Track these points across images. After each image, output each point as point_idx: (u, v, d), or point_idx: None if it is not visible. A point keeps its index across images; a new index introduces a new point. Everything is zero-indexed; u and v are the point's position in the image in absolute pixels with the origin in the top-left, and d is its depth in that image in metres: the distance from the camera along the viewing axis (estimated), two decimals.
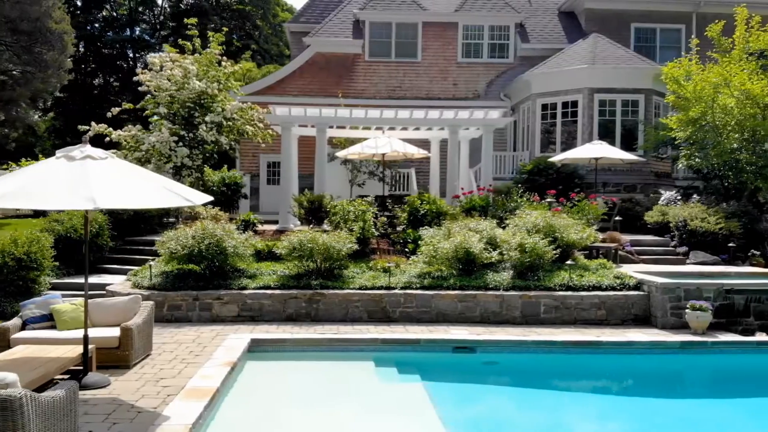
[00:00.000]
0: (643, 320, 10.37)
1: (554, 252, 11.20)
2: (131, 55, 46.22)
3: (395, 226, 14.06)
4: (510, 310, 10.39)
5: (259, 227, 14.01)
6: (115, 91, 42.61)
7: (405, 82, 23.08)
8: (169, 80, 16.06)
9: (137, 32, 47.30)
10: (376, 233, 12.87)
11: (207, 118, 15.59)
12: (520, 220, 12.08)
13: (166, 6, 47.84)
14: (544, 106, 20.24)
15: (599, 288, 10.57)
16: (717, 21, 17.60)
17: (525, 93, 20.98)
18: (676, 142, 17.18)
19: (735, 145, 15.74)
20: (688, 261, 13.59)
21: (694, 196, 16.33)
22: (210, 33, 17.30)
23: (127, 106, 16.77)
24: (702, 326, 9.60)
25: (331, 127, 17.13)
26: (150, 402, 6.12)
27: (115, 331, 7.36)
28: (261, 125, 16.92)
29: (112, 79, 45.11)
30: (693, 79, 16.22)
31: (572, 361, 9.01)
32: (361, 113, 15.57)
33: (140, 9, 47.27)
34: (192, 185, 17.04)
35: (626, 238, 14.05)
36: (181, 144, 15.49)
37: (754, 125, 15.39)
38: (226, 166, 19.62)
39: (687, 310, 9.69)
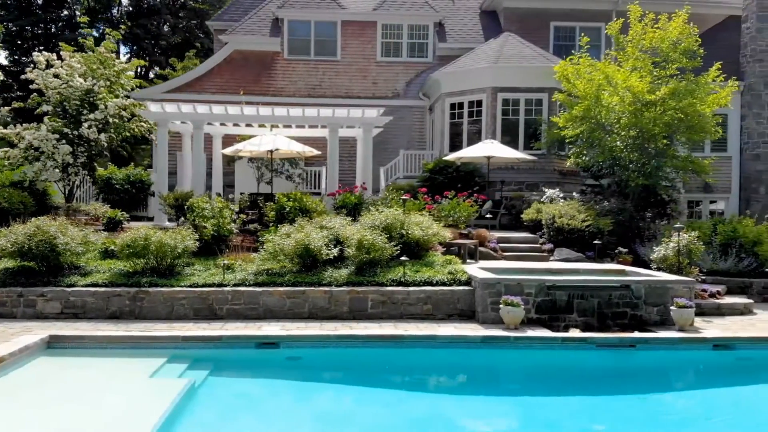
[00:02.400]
0: (469, 315, 10.41)
1: (395, 248, 11.25)
2: None
3: (267, 224, 14.06)
4: (338, 305, 10.42)
5: (126, 224, 13.99)
6: None
7: (325, 80, 23.10)
8: (57, 78, 16.06)
9: (97, 32, 47.17)
10: (236, 230, 12.89)
11: (91, 116, 15.57)
12: (369, 218, 12.11)
13: (126, 5, 47.72)
14: (453, 106, 20.29)
15: (430, 283, 10.62)
16: (617, 19, 17.73)
17: (437, 92, 21.03)
18: (566, 141, 17.26)
19: (618, 143, 15.81)
20: (552, 258, 13.65)
21: (574, 194, 16.39)
22: (107, 30, 17.32)
23: (17, 105, 16.79)
24: (514, 321, 9.64)
25: (224, 124, 17.15)
26: None
27: None
28: (151, 122, 16.92)
29: None
30: (583, 77, 16.30)
31: (374, 355, 9.02)
32: (236, 110, 15.58)
33: (98, 8, 47.14)
34: (90, 183, 17.08)
35: (496, 235, 14.11)
36: (64, 142, 15.45)
37: (635, 123, 15.47)
38: (132, 164, 19.64)
39: (500, 306, 9.74)
